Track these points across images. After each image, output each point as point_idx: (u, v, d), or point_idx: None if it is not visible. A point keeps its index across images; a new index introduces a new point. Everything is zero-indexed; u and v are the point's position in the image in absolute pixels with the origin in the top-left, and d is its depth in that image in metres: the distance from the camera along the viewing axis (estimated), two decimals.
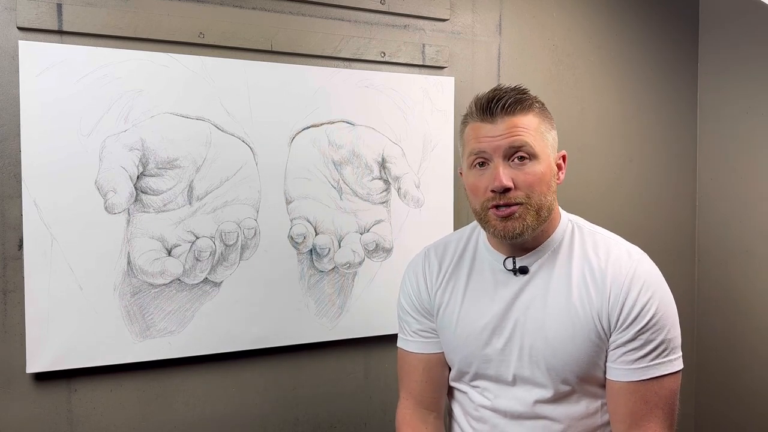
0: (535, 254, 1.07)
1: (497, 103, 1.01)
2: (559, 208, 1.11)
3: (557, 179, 1.06)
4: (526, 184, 1.00)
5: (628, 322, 1.00)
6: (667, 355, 1.00)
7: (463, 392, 1.15)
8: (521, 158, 1.01)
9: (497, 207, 1.01)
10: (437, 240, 1.22)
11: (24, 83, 1.23)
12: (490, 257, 1.11)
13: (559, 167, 1.07)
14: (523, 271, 1.07)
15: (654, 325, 1.00)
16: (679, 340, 1.03)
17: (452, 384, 1.18)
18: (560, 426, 1.05)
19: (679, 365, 1.02)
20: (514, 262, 1.07)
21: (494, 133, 1.01)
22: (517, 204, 1.01)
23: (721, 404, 1.96)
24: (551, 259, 1.07)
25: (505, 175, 1.00)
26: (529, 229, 1.02)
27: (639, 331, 1.00)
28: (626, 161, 1.91)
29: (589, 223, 1.13)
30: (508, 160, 1.01)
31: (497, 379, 1.09)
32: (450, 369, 1.18)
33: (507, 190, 1.00)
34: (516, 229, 1.01)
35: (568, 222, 1.10)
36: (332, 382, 1.56)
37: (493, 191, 1.01)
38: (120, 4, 1.31)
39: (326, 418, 1.56)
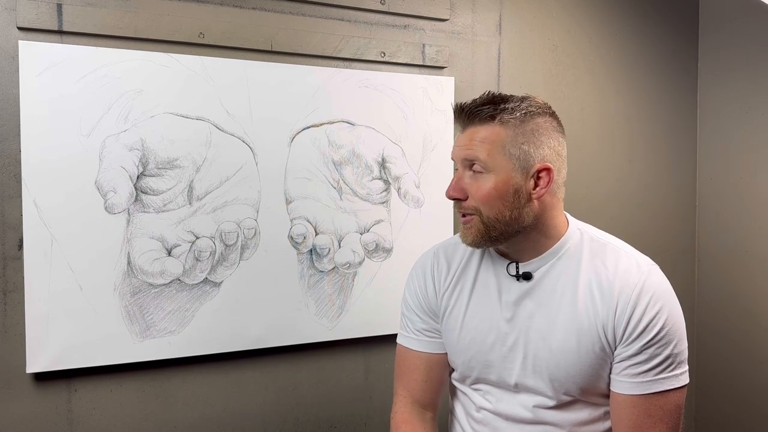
0: (540, 260, 1.05)
1: (462, 112, 1.02)
2: (567, 215, 1.09)
3: (535, 195, 1.01)
4: (476, 197, 1.01)
5: (635, 335, 0.98)
6: (672, 370, 0.99)
7: (466, 393, 1.15)
8: (477, 171, 1.01)
9: (462, 214, 1.04)
10: (447, 240, 1.21)
11: (24, 83, 1.23)
12: (495, 261, 1.10)
13: (538, 182, 1.01)
14: (527, 276, 1.05)
15: (661, 339, 0.98)
16: (686, 354, 1.01)
17: (455, 384, 1.18)
18: (561, 431, 1.04)
19: (684, 380, 1.00)
20: (517, 267, 1.06)
21: (460, 142, 1.03)
22: (471, 214, 1.02)
23: (721, 404, 1.96)
24: (557, 267, 1.05)
25: (455, 185, 1.03)
26: (484, 239, 1.02)
27: (645, 345, 0.98)
28: (626, 161, 1.91)
29: (600, 231, 1.10)
30: (470, 169, 1.02)
31: (499, 385, 1.09)
32: (451, 370, 1.18)
33: (457, 199, 1.02)
34: (468, 238, 1.03)
35: (576, 230, 1.07)
36: (332, 382, 1.56)
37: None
38: (120, 4, 1.31)
39: (326, 418, 1.56)
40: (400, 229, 1.58)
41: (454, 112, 1.04)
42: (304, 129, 1.47)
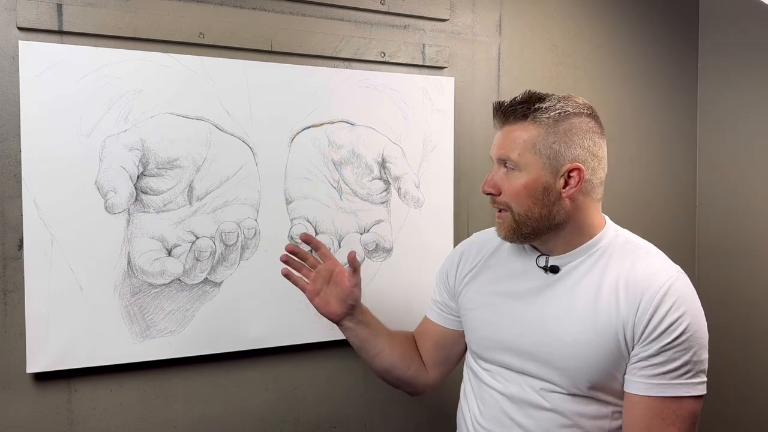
0: (570, 256, 1.07)
1: (498, 111, 1.06)
2: (606, 218, 1.11)
3: (565, 193, 1.03)
4: (507, 193, 1.05)
5: (654, 336, 0.98)
6: (690, 378, 0.99)
7: (476, 372, 1.17)
8: (510, 168, 1.04)
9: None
10: (492, 228, 1.24)
11: (24, 83, 1.23)
12: (527, 251, 1.13)
13: (569, 181, 1.03)
14: (554, 270, 1.07)
15: (681, 344, 0.98)
16: (705, 366, 1.01)
17: (467, 362, 1.22)
18: (567, 422, 1.05)
19: (701, 390, 1.00)
20: (547, 260, 1.08)
21: (496, 140, 1.07)
22: (503, 210, 1.07)
23: (721, 404, 1.96)
24: (586, 263, 1.06)
25: (490, 180, 1.07)
26: (516, 235, 1.06)
27: (664, 347, 0.98)
28: (626, 161, 1.91)
29: (638, 237, 1.11)
30: (504, 166, 1.06)
31: (510, 367, 1.10)
32: (456, 350, 1.26)
33: (491, 194, 1.08)
34: (501, 233, 1.08)
35: (613, 232, 1.09)
36: (332, 382, 1.56)
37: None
38: (120, 4, 1.31)
39: (326, 418, 1.56)
40: (400, 229, 1.58)
41: (493, 111, 1.08)
42: (304, 129, 1.47)
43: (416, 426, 1.65)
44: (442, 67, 1.63)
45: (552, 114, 1.02)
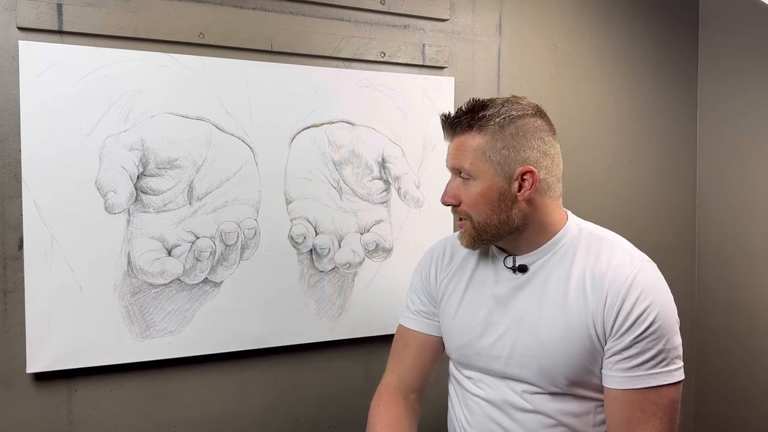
0: (536, 254, 1.08)
1: (445, 123, 1.07)
2: (567, 212, 1.11)
3: (521, 196, 1.03)
4: (466, 201, 1.06)
5: (624, 329, 0.99)
6: (666, 366, 0.99)
7: (460, 381, 1.18)
8: (465, 177, 1.05)
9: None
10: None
11: (24, 83, 1.23)
12: (495, 254, 1.13)
13: (523, 183, 1.03)
14: (522, 269, 1.08)
15: (651, 334, 0.98)
16: (679, 351, 1.01)
17: (451, 371, 1.22)
18: (551, 421, 1.05)
19: (679, 376, 1.00)
20: (514, 260, 1.09)
21: (449, 151, 1.08)
22: (463, 219, 1.07)
23: (721, 404, 1.96)
24: (552, 260, 1.07)
25: (449, 191, 1.08)
26: (477, 242, 1.07)
27: (635, 339, 0.98)
28: (626, 161, 1.91)
29: (600, 228, 1.12)
30: (459, 176, 1.06)
31: (489, 372, 1.11)
32: (440, 359, 1.24)
33: (451, 204, 1.08)
34: (463, 241, 1.09)
35: (575, 225, 1.09)
36: (332, 382, 1.56)
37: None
38: (120, 4, 1.31)
39: (326, 418, 1.56)
40: (400, 229, 1.58)
41: (441, 123, 1.08)
42: (304, 129, 1.47)
43: None
44: (442, 67, 1.63)
45: (497, 120, 1.02)
